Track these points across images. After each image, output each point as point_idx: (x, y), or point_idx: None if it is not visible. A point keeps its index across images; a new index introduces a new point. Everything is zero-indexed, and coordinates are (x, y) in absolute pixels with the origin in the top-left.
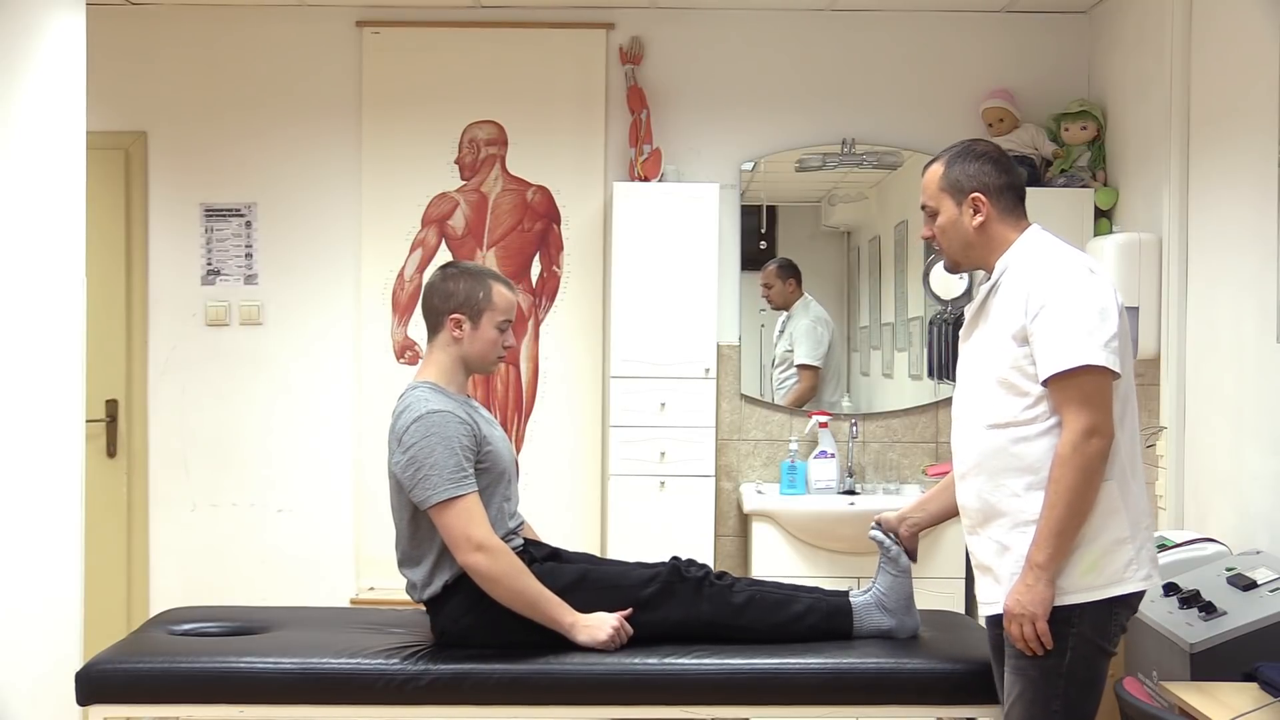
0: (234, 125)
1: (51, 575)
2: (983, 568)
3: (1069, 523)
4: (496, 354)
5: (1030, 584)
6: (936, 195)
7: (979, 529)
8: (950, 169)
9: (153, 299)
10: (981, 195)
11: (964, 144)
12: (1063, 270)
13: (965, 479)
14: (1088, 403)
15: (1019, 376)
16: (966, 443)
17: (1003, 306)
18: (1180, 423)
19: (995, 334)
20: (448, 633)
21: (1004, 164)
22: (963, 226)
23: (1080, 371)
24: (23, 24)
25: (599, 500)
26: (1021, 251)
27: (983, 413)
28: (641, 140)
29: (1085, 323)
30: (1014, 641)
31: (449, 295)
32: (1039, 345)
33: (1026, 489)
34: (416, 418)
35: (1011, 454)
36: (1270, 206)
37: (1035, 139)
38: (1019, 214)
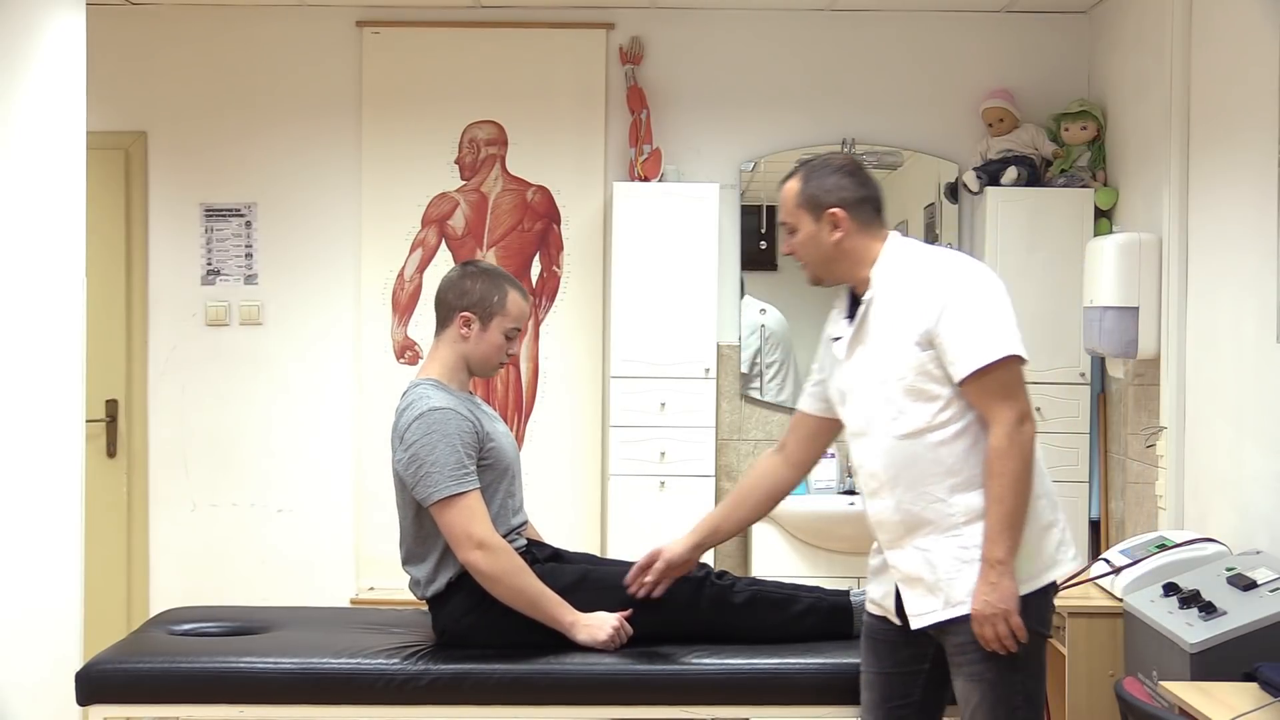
0: (234, 125)
1: (51, 575)
2: (911, 579)
3: (1020, 513)
4: (499, 360)
5: (994, 581)
6: (794, 212)
7: (902, 541)
8: (807, 184)
9: (153, 299)
10: (839, 210)
11: (821, 158)
12: (954, 269)
13: (879, 495)
14: (1011, 392)
15: (927, 381)
16: (875, 458)
17: (893, 315)
18: (1180, 423)
19: (891, 344)
20: (449, 632)
21: (860, 177)
22: (822, 242)
23: (1000, 364)
24: (23, 24)
25: (599, 500)
26: (895, 260)
27: (891, 425)
28: (641, 140)
29: (993, 316)
30: (987, 644)
31: (464, 293)
32: (951, 346)
33: (950, 492)
34: (418, 415)
35: (931, 460)
36: (1270, 206)
37: (1035, 139)
38: (878, 225)
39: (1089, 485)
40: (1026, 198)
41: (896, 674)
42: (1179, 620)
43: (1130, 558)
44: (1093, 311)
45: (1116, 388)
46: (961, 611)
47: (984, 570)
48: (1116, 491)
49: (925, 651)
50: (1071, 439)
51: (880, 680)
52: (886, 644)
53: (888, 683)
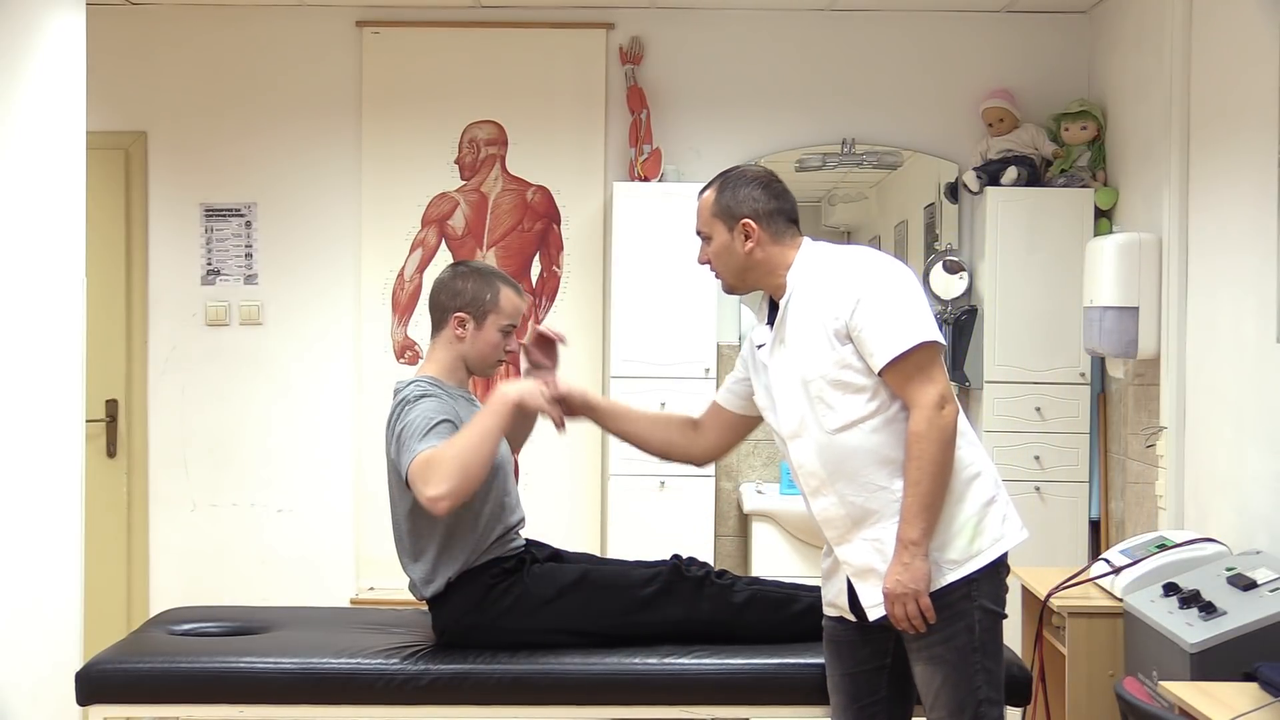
0: (234, 125)
1: (51, 575)
2: (864, 572)
3: (937, 495)
4: (497, 357)
5: (907, 562)
6: (709, 221)
7: (850, 535)
8: (721, 195)
9: (153, 299)
10: (751, 221)
11: (736, 170)
12: (864, 262)
13: (820, 492)
14: (929, 376)
15: (850, 374)
16: (811, 456)
17: (809, 314)
18: (1180, 423)
19: (810, 341)
20: (449, 632)
21: (774, 188)
22: (735, 252)
23: (916, 350)
24: (23, 24)
25: (599, 500)
26: (808, 263)
27: (822, 421)
28: (641, 140)
29: (906, 303)
30: (897, 623)
31: (456, 293)
32: (869, 335)
33: (890, 479)
34: (402, 401)
35: (867, 450)
36: (1270, 206)
37: (1035, 139)
38: (792, 233)
39: (1089, 485)
40: (1026, 198)
41: (860, 673)
42: (1179, 620)
43: (1130, 558)
44: (1093, 311)
45: (1116, 388)
46: None
47: (898, 550)
48: (1116, 491)
49: (885, 647)
50: (1071, 439)
51: (846, 681)
52: (847, 644)
53: (853, 683)
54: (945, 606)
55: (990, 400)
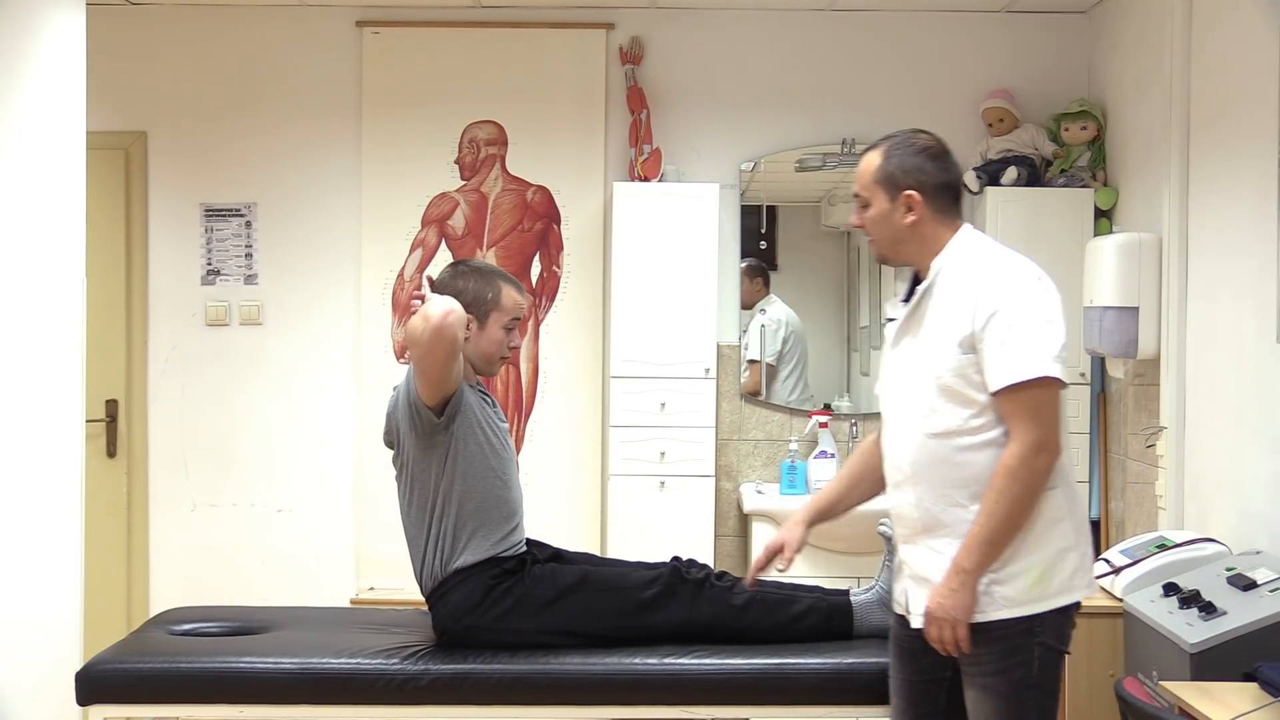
0: (234, 125)
1: (51, 575)
2: (920, 578)
3: (1005, 534)
4: (501, 354)
5: (955, 589)
6: (870, 186)
7: (917, 539)
8: (887, 161)
9: (153, 299)
10: (916, 193)
11: (905, 135)
12: (1012, 276)
13: (901, 488)
14: (1038, 416)
15: (963, 384)
16: (903, 451)
17: (944, 311)
18: (1180, 423)
19: (937, 340)
20: (448, 632)
21: (944, 161)
22: (894, 222)
23: (1033, 384)
24: (23, 24)
25: (599, 500)
26: (958, 254)
27: (923, 421)
28: (641, 140)
29: (1037, 333)
30: (932, 641)
31: (457, 293)
32: (990, 354)
33: (970, 500)
34: (405, 381)
35: (955, 464)
36: (1270, 207)
37: (1035, 139)
38: (954, 214)
39: (1089, 485)
40: (1026, 198)
41: (919, 681)
42: (1179, 620)
43: (1130, 558)
44: (1093, 311)
45: (1116, 388)
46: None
47: (949, 573)
48: (1116, 491)
49: (946, 660)
50: (1072, 439)
51: (906, 687)
52: (909, 650)
53: (913, 690)
54: (1005, 639)
55: None
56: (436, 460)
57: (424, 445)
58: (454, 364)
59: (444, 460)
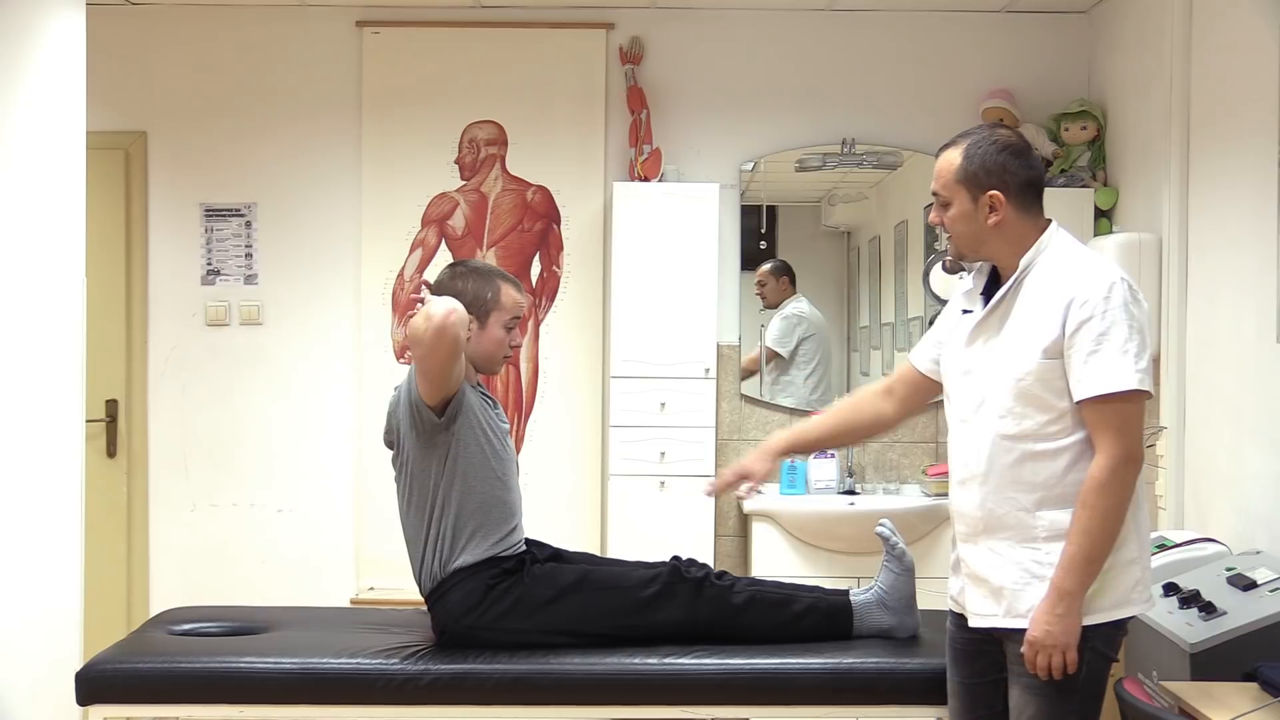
0: (234, 125)
1: (51, 575)
2: (977, 578)
3: (1103, 549)
4: (503, 353)
5: (1061, 614)
6: (951, 186)
7: (978, 538)
8: (969, 160)
9: (153, 299)
10: (1000, 194)
11: (986, 131)
12: (1105, 284)
13: (967, 485)
14: (1126, 429)
15: (1044, 390)
16: (972, 450)
17: (1031, 313)
18: (1180, 423)
19: (1021, 342)
20: (448, 632)
21: (1027, 157)
22: (977, 223)
23: (1121, 396)
24: (23, 24)
25: (599, 500)
26: (1050, 255)
27: (999, 422)
28: (641, 140)
29: (1130, 345)
30: (1037, 670)
31: (457, 294)
32: (1080, 363)
33: (1036, 505)
34: (405, 381)
35: (1026, 468)
36: (1270, 206)
37: (1035, 139)
38: (1038, 210)
39: None
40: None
41: (976, 684)
42: (1179, 620)
43: None
44: None
45: None
46: (1019, 624)
47: (1053, 598)
48: None
49: (1000, 661)
50: None
51: (963, 690)
52: (964, 653)
53: (969, 693)
54: None
55: None
56: (436, 460)
57: (424, 445)
58: (456, 364)
59: (444, 460)
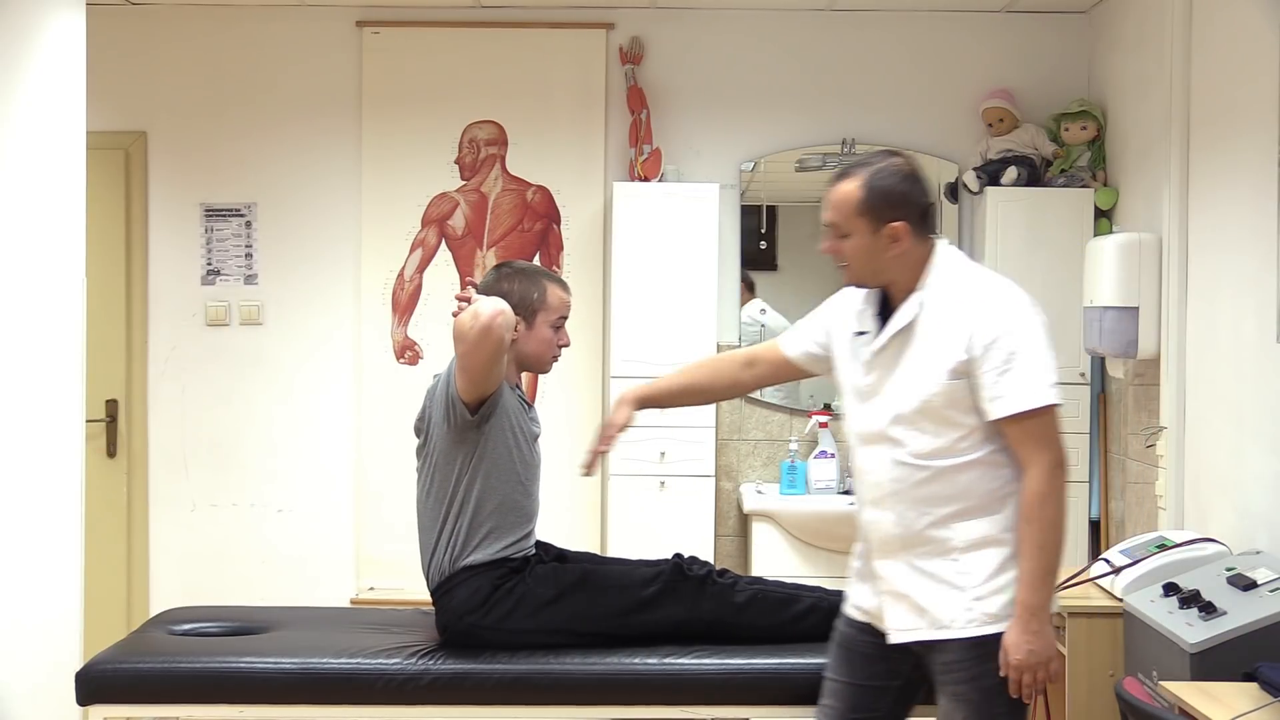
0: (234, 125)
1: (51, 575)
2: (897, 594)
3: (1058, 557)
4: (552, 353)
5: (1036, 630)
6: (850, 218)
7: (895, 555)
8: (870, 193)
9: (153, 299)
10: (904, 224)
11: (882, 161)
12: (1006, 304)
13: (880, 505)
14: (1048, 439)
15: (952, 409)
16: (884, 470)
17: (935, 336)
18: (1180, 423)
19: (926, 364)
20: (450, 630)
21: (923, 184)
22: (877, 253)
23: (1038, 411)
24: (23, 24)
25: (599, 500)
26: (945, 278)
27: (910, 443)
28: (641, 140)
29: (1039, 362)
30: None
31: (503, 295)
32: (992, 383)
33: (952, 519)
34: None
35: (941, 484)
36: (1270, 206)
37: (1035, 139)
38: (930, 231)
39: (1089, 485)
40: (1026, 198)
41: (867, 687)
42: (1179, 620)
43: (1130, 558)
44: (1093, 311)
45: (1116, 388)
46: (948, 635)
47: (1024, 618)
48: (1116, 491)
49: (900, 669)
50: (1071, 439)
51: (849, 691)
52: (862, 656)
53: (856, 694)
54: (979, 648)
55: None
56: (463, 455)
57: (454, 439)
58: (497, 364)
59: (470, 457)
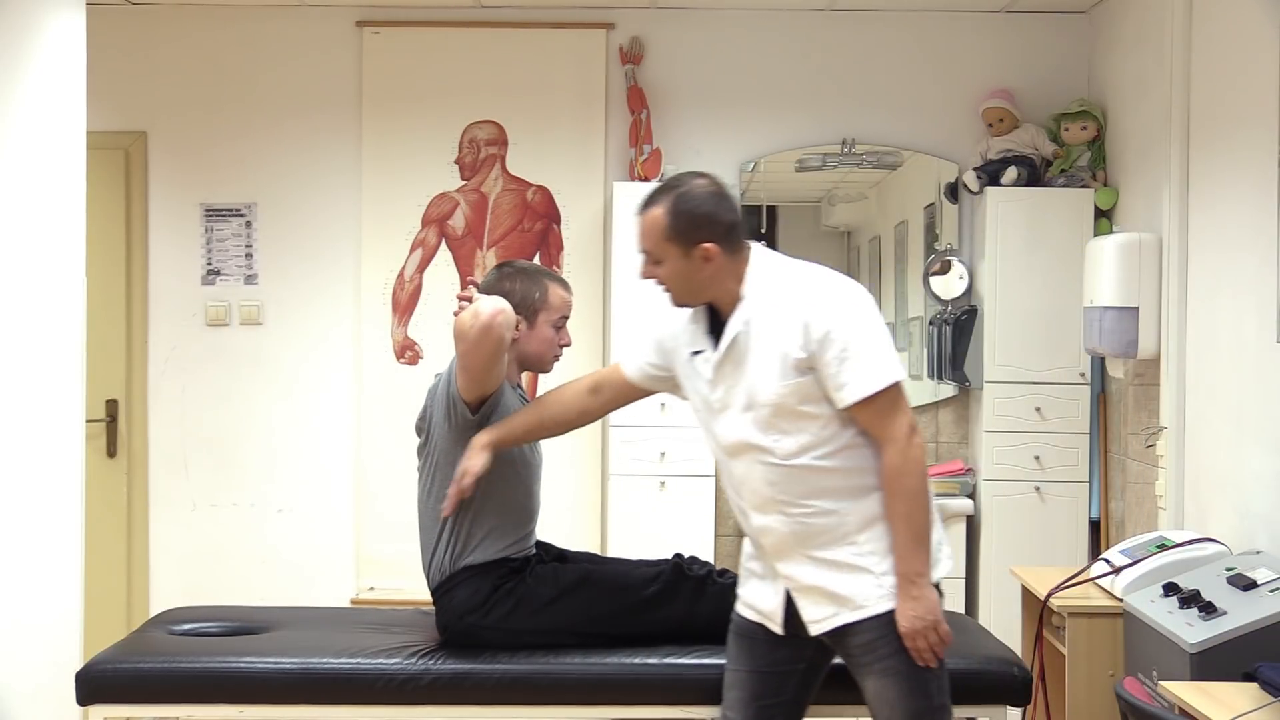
0: (234, 125)
1: (51, 576)
2: (806, 588)
3: (927, 524)
4: (554, 352)
5: (917, 595)
6: (660, 245)
7: (793, 553)
8: (676, 218)
9: (153, 299)
10: (713, 244)
11: (686, 184)
12: (828, 291)
13: (764, 511)
14: (898, 409)
15: (805, 403)
16: (758, 478)
17: (766, 338)
18: (1180, 423)
19: (765, 367)
20: (450, 629)
21: (728, 200)
22: (692, 274)
23: (885, 390)
24: (23, 24)
25: (599, 500)
26: (764, 280)
27: (774, 446)
28: (641, 140)
29: (876, 340)
30: (920, 655)
31: (504, 294)
32: (834, 373)
33: (839, 503)
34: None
35: (817, 476)
36: (1270, 206)
37: (1035, 139)
38: (742, 243)
39: (1089, 485)
40: (1026, 198)
41: (770, 672)
42: (1179, 620)
43: (1130, 558)
44: (1093, 311)
45: (1116, 388)
46: (862, 615)
47: (904, 586)
48: (1116, 491)
49: (803, 652)
50: (1071, 439)
51: (751, 678)
52: (764, 643)
53: (759, 681)
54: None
55: (990, 400)
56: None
57: (455, 438)
58: (497, 363)
59: None
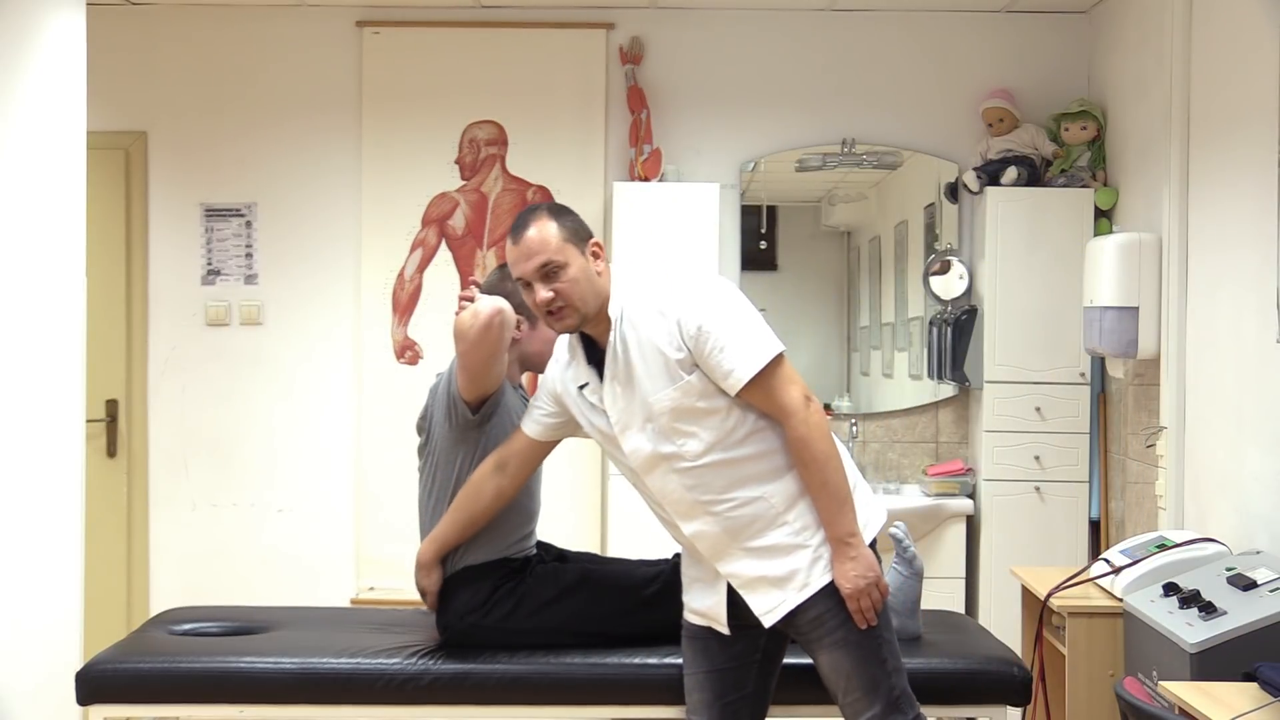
0: (234, 125)
1: (51, 575)
2: (752, 581)
3: (844, 486)
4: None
5: (853, 556)
6: (562, 249)
7: (730, 550)
8: (563, 221)
9: (153, 299)
10: (598, 242)
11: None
12: (693, 290)
13: (691, 516)
14: (788, 381)
15: (701, 400)
16: (677, 488)
17: (644, 348)
18: (1180, 423)
19: (651, 376)
20: (450, 629)
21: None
22: (591, 276)
23: (769, 366)
24: (22, 24)
25: (599, 500)
26: (630, 291)
27: (683, 450)
28: (641, 140)
29: (747, 321)
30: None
31: (506, 295)
32: (719, 361)
33: (761, 487)
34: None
35: (730, 469)
36: (1270, 206)
37: (1035, 139)
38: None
39: (1089, 485)
40: (1026, 198)
41: (728, 669)
42: (1179, 620)
43: (1130, 558)
44: (1093, 311)
45: (1116, 388)
46: (810, 592)
47: (839, 549)
48: (1116, 491)
49: (757, 643)
50: (1071, 439)
51: (711, 678)
52: (718, 641)
53: (720, 679)
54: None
55: (990, 400)
56: (464, 454)
57: (455, 438)
58: (496, 363)
59: (472, 455)
